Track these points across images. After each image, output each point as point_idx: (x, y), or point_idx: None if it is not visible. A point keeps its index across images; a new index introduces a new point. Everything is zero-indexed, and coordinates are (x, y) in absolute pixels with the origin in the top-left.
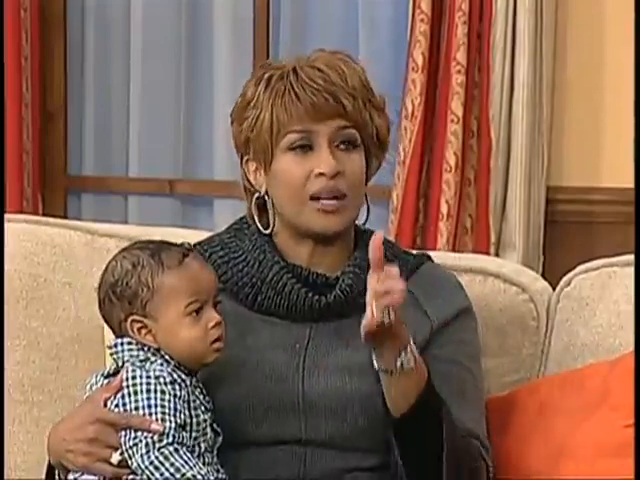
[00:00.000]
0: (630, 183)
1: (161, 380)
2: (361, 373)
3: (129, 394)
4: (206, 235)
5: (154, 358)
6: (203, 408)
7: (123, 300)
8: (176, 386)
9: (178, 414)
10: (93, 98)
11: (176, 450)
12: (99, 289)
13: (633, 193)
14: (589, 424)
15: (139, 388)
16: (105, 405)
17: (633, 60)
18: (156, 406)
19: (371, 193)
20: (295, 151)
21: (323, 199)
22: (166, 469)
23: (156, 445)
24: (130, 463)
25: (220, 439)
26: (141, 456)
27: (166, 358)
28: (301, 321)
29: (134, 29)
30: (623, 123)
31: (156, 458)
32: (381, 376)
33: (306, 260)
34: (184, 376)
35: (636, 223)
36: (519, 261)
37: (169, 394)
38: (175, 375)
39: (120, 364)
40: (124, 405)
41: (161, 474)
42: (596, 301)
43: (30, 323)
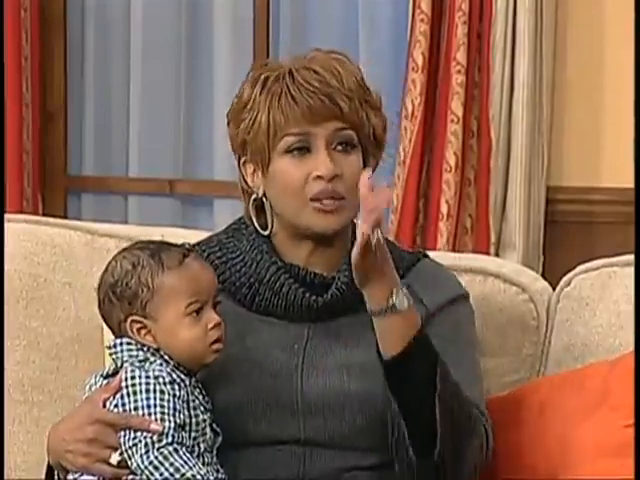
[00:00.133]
0: (630, 183)
1: (160, 380)
2: (360, 372)
3: (128, 394)
4: (206, 235)
5: (153, 358)
6: (202, 408)
7: (123, 300)
8: (175, 386)
9: (177, 414)
10: (93, 98)
11: (175, 450)
12: (99, 289)
13: (633, 193)
14: (589, 424)
15: (138, 388)
16: (104, 405)
17: (633, 60)
18: (155, 406)
19: None
20: (292, 153)
21: (321, 201)
22: (165, 469)
23: (155, 445)
24: (129, 463)
25: (219, 439)
26: (140, 456)
27: (165, 358)
28: (299, 321)
29: (134, 29)
30: (623, 123)
31: (155, 458)
32: (375, 323)
33: (304, 260)
34: (183, 376)
35: (636, 223)
36: (519, 261)
37: (168, 394)
38: (174, 375)
39: (119, 364)
40: (123, 405)
41: (160, 474)
42: (596, 301)
43: (30, 323)
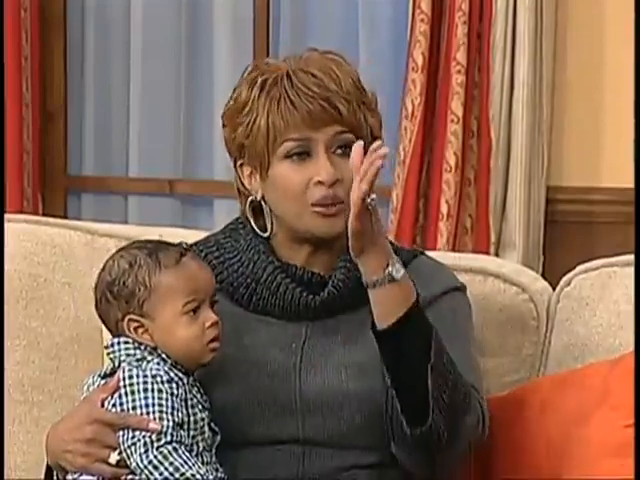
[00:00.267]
0: (630, 183)
1: (158, 379)
2: (358, 371)
3: (126, 394)
4: (205, 235)
5: (151, 357)
6: (200, 407)
7: (120, 299)
8: (173, 385)
9: (176, 412)
10: (93, 98)
11: (175, 449)
12: (96, 288)
13: (633, 193)
14: (589, 424)
15: (136, 387)
16: (102, 405)
17: (633, 60)
18: (153, 405)
19: None
20: (292, 158)
21: (323, 206)
22: (165, 468)
23: (154, 444)
24: (129, 463)
25: (218, 438)
26: (139, 455)
27: (163, 357)
28: (297, 320)
29: (134, 29)
30: (623, 123)
31: (155, 457)
32: (371, 294)
33: (303, 262)
34: (181, 375)
35: (636, 223)
36: (519, 261)
37: (166, 393)
38: (172, 374)
39: (117, 364)
40: (121, 405)
41: (160, 473)
42: (596, 301)
43: (30, 323)
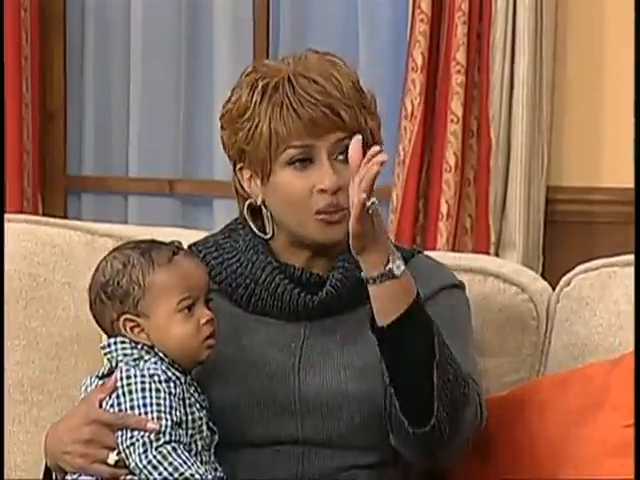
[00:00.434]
0: (630, 183)
1: (155, 378)
2: (357, 371)
3: (124, 394)
4: (205, 235)
5: (148, 356)
6: (198, 406)
7: (114, 299)
8: (171, 384)
9: (174, 412)
10: (93, 98)
11: (174, 449)
12: (90, 290)
13: (633, 193)
14: (589, 424)
15: (134, 387)
16: (100, 406)
17: (633, 60)
18: (152, 405)
19: None
20: (295, 165)
21: (327, 214)
22: (164, 468)
23: (153, 444)
24: (127, 463)
25: (216, 437)
26: (138, 455)
27: (160, 356)
28: (295, 320)
29: (134, 29)
30: (623, 123)
31: (154, 457)
32: (371, 290)
33: (303, 264)
34: (178, 374)
35: (636, 223)
36: (519, 261)
37: (164, 392)
38: (169, 373)
39: (114, 364)
40: (119, 405)
41: (159, 473)
42: (596, 301)
43: (30, 323)
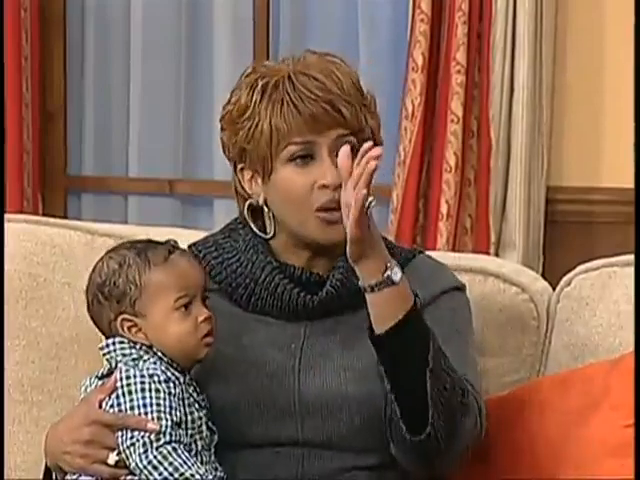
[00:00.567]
0: (630, 183)
1: (155, 379)
2: (357, 373)
3: (124, 394)
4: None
5: (147, 356)
6: (197, 405)
7: (111, 300)
8: (170, 384)
9: (174, 412)
10: (93, 98)
11: (174, 449)
12: (87, 291)
13: (633, 193)
14: (589, 424)
15: (133, 387)
16: (100, 406)
17: (633, 63)
18: (151, 405)
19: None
20: (296, 162)
21: (327, 211)
22: (165, 468)
23: (154, 444)
24: (128, 463)
25: (216, 437)
26: (139, 456)
27: (159, 355)
28: (295, 320)
29: (134, 29)
30: (623, 124)
31: (154, 457)
32: (369, 299)
33: (303, 264)
34: (177, 374)
35: (636, 223)
36: (519, 261)
37: (164, 392)
38: (169, 373)
39: (113, 364)
40: (119, 405)
41: (160, 473)
42: (596, 301)
43: (29, 323)
